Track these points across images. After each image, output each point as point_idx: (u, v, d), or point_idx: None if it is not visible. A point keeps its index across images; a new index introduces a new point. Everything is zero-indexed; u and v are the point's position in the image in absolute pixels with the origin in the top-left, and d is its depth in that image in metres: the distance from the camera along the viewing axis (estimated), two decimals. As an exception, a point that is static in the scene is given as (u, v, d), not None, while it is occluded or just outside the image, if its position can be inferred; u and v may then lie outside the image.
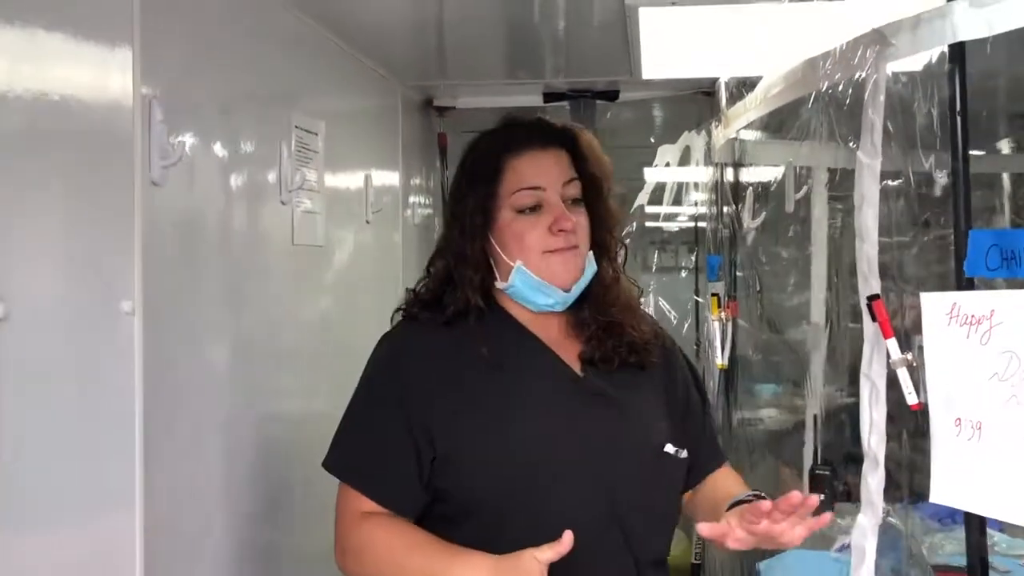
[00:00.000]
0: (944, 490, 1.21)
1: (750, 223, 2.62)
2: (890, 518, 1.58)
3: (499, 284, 1.40)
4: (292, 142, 1.77)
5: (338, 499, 1.35)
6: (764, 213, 2.54)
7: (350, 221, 2.16)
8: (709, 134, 2.95)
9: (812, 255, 2.65)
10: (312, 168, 1.86)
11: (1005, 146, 3.24)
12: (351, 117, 2.19)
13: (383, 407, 1.35)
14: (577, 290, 1.39)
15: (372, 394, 1.38)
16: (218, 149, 1.46)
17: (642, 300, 1.54)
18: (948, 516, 2.20)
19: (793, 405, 3.13)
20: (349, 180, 2.16)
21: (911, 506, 1.85)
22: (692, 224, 4.03)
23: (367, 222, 2.26)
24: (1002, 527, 2.33)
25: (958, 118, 1.26)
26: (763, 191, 2.74)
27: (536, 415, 1.35)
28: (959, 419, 1.17)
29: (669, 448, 1.39)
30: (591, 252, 1.41)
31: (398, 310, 1.44)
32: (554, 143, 1.42)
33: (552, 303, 1.39)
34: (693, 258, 4.10)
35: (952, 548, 2.04)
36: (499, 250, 1.38)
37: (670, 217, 5.55)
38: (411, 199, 2.94)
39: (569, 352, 1.41)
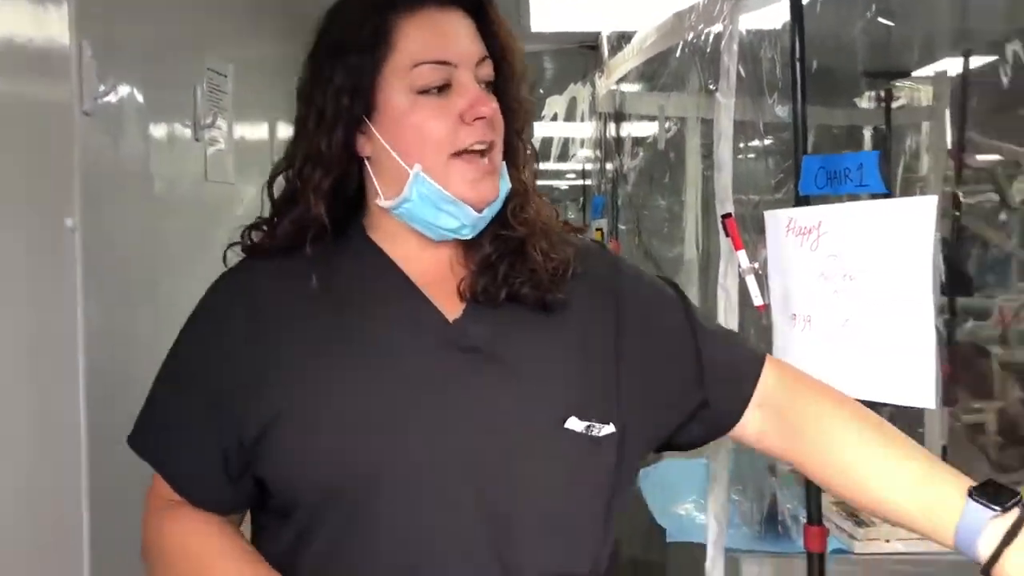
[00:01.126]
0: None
1: (629, 164, 2.85)
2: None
3: (381, 201, 1.01)
4: (204, 83, 1.88)
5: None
6: (641, 153, 2.76)
7: (257, 166, 2.27)
8: (593, 85, 3.15)
9: (685, 200, 2.89)
10: (223, 109, 1.97)
11: (865, 101, 3.55)
12: (258, 64, 2.29)
13: (187, 373, 1.04)
14: (491, 211, 1.01)
15: (179, 356, 1.05)
16: (139, 87, 1.57)
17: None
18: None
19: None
20: (256, 125, 2.27)
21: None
22: (580, 182, 4.22)
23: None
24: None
25: (797, 64, 1.48)
26: (642, 139, 2.97)
27: (380, 379, 0.98)
28: (794, 314, 1.40)
29: (573, 424, 0.99)
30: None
31: (231, 246, 1.06)
32: (455, 2, 1.01)
33: (458, 227, 1.00)
34: (581, 213, 4.31)
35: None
36: (387, 148, 0.98)
37: (559, 175, 5.76)
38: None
39: (447, 291, 1.03)
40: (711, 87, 1.61)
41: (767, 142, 2.84)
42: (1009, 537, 0.91)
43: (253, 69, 2.21)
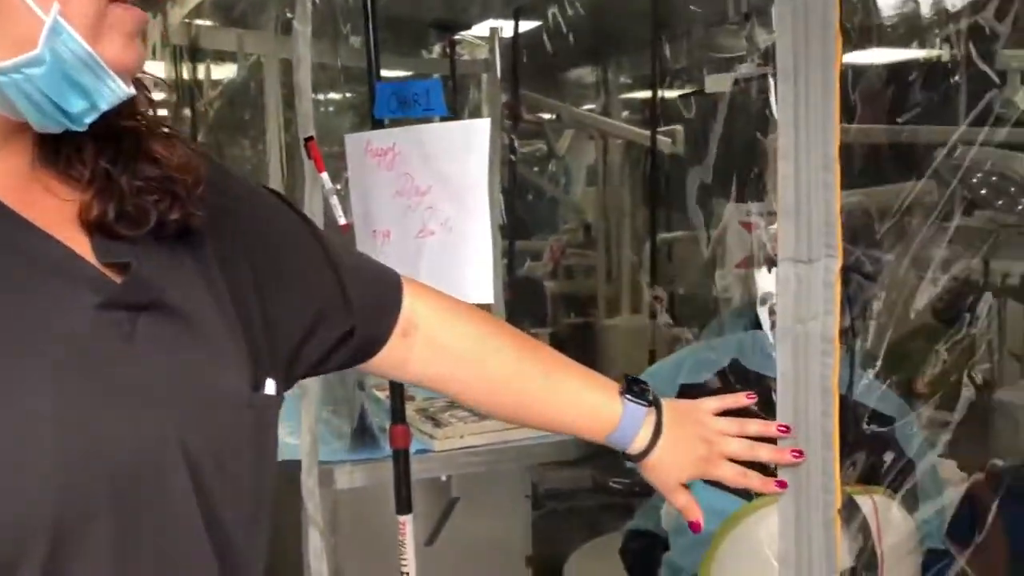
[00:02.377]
0: (366, 289, 1.57)
1: (209, 105, 2.80)
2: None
3: None
4: None
5: None
6: (221, 91, 2.73)
7: None
8: (165, 15, 3.01)
9: (268, 140, 2.90)
10: None
11: (435, 51, 3.80)
12: None
13: None
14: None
15: None
16: None
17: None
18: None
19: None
20: None
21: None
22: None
23: None
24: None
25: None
26: (220, 80, 2.92)
27: (33, 372, 0.63)
28: (375, 230, 1.52)
29: (270, 387, 0.77)
30: None
31: None
32: None
33: (83, 110, 0.67)
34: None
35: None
36: None
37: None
38: None
39: (51, 216, 0.69)
40: (289, 15, 1.66)
41: (348, 95, 2.95)
42: (657, 431, 1.00)
43: None
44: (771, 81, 1.08)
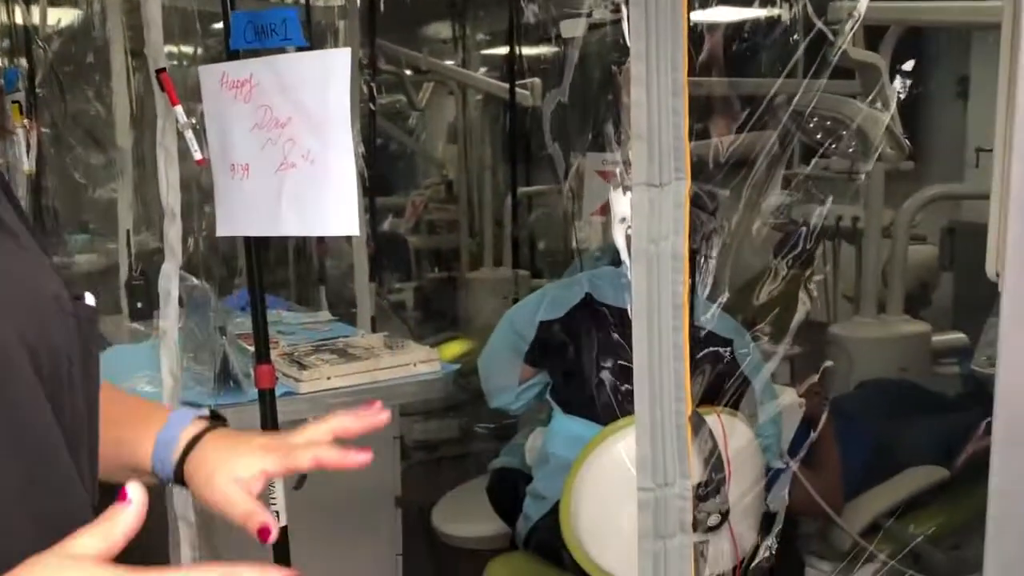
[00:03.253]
0: (225, 226, 1.54)
1: (45, 30, 2.64)
2: (196, 281, 1.87)
3: None
4: None
5: None
6: (58, 30, 2.58)
7: None
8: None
9: (114, 88, 2.77)
10: None
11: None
12: None
13: None
14: None
15: None
16: None
17: None
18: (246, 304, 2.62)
19: (107, 249, 3.28)
20: None
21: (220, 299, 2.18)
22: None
23: None
24: (289, 307, 2.86)
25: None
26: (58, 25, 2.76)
27: None
28: (233, 164, 1.49)
29: (90, 299, 0.76)
30: None
31: None
32: None
33: None
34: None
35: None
36: None
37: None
38: None
39: None
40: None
41: (200, 51, 2.84)
42: (202, 434, 0.86)
43: None
44: (624, 13, 1.13)
